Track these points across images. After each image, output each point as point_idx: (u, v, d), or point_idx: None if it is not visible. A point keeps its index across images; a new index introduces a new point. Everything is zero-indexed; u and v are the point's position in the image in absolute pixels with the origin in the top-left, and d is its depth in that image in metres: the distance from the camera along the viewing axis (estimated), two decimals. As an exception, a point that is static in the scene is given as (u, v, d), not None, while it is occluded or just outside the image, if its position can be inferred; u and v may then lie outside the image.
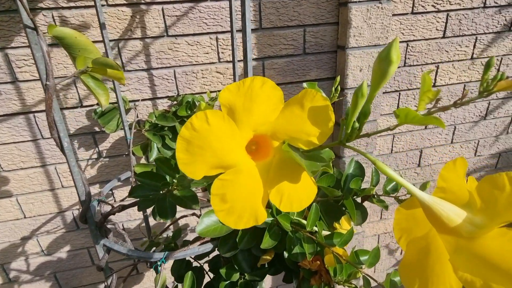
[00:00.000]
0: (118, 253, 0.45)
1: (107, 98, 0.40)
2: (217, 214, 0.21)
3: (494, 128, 1.18)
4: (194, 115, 0.21)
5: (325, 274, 0.44)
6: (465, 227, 0.20)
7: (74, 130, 0.82)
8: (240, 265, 0.47)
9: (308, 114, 0.23)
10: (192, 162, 0.21)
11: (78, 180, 0.42)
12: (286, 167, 0.22)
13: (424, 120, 0.21)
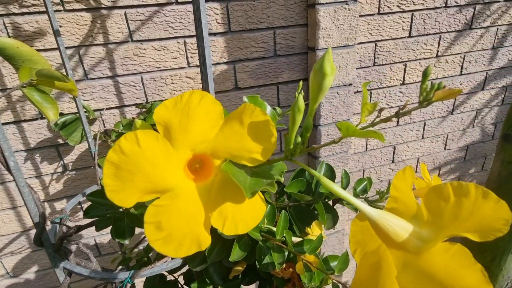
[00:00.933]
0: (79, 275, 0.43)
1: (56, 112, 0.37)
2: (153, 244, 0.19)
3: (461, 122, 1.23)
4: (123, 136, 0.19)
5: (298, 281, 0.44)
6: (411, 242, 0.20)
7: (35, 144, 0.77)
8: (211, 278, 0.45)
9: (248, 130, 0.22)
10: (121, 189, 0.19)
11: (29, 201, 0.39)
12: (229, 187, 0.21)
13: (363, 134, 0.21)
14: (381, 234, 0.20)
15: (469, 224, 0.19)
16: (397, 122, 1.13)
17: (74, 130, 0.70)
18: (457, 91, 0.21)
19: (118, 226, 0.37)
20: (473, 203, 0.19)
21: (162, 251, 0.20)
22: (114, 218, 0.37)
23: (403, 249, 0.20)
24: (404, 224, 0.20)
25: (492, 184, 0.75)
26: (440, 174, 1.31)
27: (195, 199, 0.21)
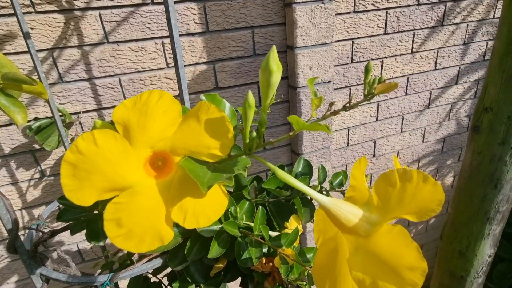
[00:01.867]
0: (57, 281, 0.42)
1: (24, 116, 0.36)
2: (113, 240, 0.20)
3: (437, 116, 1.27)
4: (80, 136, 0.19)
5: (278, 275, 0.44)
6: (361, 226, 0.21)
7: (10, 150, 0.75)
8: (193, 277, 0.46)
9: (205, 127, 0.22)
10: (79, 188, 0.19)
11: (0, 208, 0.38)
12: (188, 182, 0.22)
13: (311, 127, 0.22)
14: (334, 220, 0.21)
15: (411, 206, 0.20)
16: (376, 117, 1.16)
17: (50, 135, 0.69)
18: (393, 85, 0.22)
19: (92, 228, 0.37)
20: (415, 187, 0.20)
21: (124, 247, 0.20)
22: (88, 221, 0.37)
23: (355, 233, 0.21)
24: (355, 210, 0.22)
25: (464, 174, 0.79)
26: (419, 166, 1.36)
27: (155, 195, 0.21)
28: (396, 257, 0.19)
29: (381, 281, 0.18)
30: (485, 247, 0.81)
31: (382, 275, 0.19)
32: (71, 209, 0.37)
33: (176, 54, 0.37)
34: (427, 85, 1.19)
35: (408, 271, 0.19)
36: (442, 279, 0.93)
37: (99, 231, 0.36)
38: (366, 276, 0.19)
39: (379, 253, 0.20)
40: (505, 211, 0.77)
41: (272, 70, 0.22)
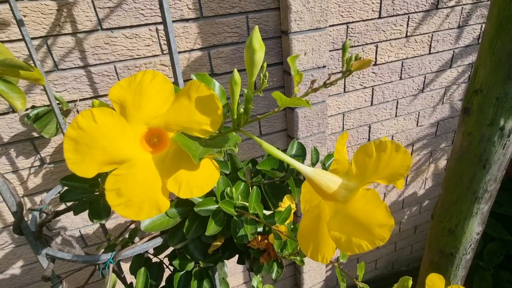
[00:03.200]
0: (63, 260, 0.44)
1: (23, 101, 0.37)
2: (115, 208, 0.22)
3: (431, 100, 1.29)
4: (80, 113, 0.21)
5: (273, 251, 0.47)
6: (340, 192, 0.23)
7: (9, 138, 0.76)
8: (192, 254, 0.48)
9: (196, 104, 0.24)
10: (81, 161, 0.21)
11: (4, 191, 0.39)
12: (182, 156, 0.23)
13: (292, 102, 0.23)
14: (317, 188, 0.23)
15: (384, 172, 0.22)
16: (371, 102, 1.17)
17: (48, 123, 0.70)
18: (367, 61, 0.23)
19: (94, 207, 0.39)
20: (388, 156, 0.22)
21: (124, 215, 0.22)
22: (90, 201, 0.39)
23: (334, 199, 0.23)
24: (335, 178, 0.24)
25: (455, 155, 0.81)
26: (414, 150, 1.38)
27: (151, 168, 0.23)
28: (368, 217, 0.21)
29: (354, 238, 0.21)
30: (473, 225, 0.85)
31: (356, 233, 0.21)
32: (73, 190, 0.39)
33: (169, 39, 0.38)
34: (422, 69, 1.20)
35: (378, 228, 0.21)
36: (432, 257, 0.96)
37: (101, 210, 0.38)
38: (342, 234, 0.21)
39: (355, 215, 0.22)
40: (492, 190, 0.80)
41: (255, 48, 0.23)
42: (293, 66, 0.25)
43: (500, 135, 0.71)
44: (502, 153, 0.74)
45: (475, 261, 1.59)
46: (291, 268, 1.42)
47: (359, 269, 0.43)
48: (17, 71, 0.33)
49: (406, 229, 1.63)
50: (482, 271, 1.54)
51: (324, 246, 0.23)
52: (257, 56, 0.24)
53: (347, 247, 0.21)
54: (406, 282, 0.41)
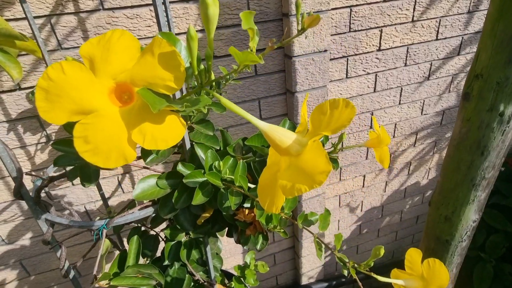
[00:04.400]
0: (60, 225, 0.47)
1: (19, 71, 0.39)
2: (83, 155, 0.23)
3: (437, 88, 1.26)
4: (50, 65, 0.22)
5: (258, 224, 0.49)
6: (293, 146, 0.24)
7: (16, 115, 0.79)
8: (182, 225, 0.50)
9: (158, 60, 0.25)
10: (51, 109, 0.22)
11: (5, 157, 0.42)
12: (147, 109, 0.25)
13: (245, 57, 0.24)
14: (272, 143, 0.24)
15: (333, 126, 0.23)
16: (374, 89, 1.16)
17: (52, 100, 0.72)
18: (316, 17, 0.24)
19: (85, 172, 0.41)
20: (339, 112, 0.23)
21: (92, 161, 0.24)
22: (81, 166, 0.41)
23: (288, 154, 0.24)
24: (289, 134, 0.25)
25: (454, 141, 0.80)
26: (417, 138, 1.37)
27: (118, 119, 0.24)
28: (313, 166, 0.22)
29: (297, 184, 0.22)
30: (470, 213, 0.84)
31: (300, 180, 0.22)
32: (66, 156, 0.41)
33: (168, 20, 0.39)
34: (428, 56, 1.17)
35: (319, 174, 0.22)
36: (428, 243, 0.97)
37: (91, 174, 0.41)
38: (288, 182, 0.22)
39: (305, 165, 0.23)
40: (490, 177, 0.79)
41: (208, 3, 0.24)
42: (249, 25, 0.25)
43: (500, 121, 0.70)
44: (501, 139, 0.72)
45: (476, 253, 1.58)
46: (290, 252, 1.45)
47: (336, 240, 0.44)
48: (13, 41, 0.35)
49: (408, 219, 1.63)
50: (483, 263, 1.53)
51: (278, 199, 0.25)
52: (211, 11, 0.24)
53: (290, 192, 0.23)
54: (378, 251, 0.43)
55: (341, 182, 1.33)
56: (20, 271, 1.01)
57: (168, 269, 0.62)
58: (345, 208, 1.43)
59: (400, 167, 1.42)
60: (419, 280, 0.41)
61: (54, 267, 1.04)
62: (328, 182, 1.30)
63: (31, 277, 1.03)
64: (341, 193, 1.37)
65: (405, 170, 1.44)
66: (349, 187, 1.37)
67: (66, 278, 1.03)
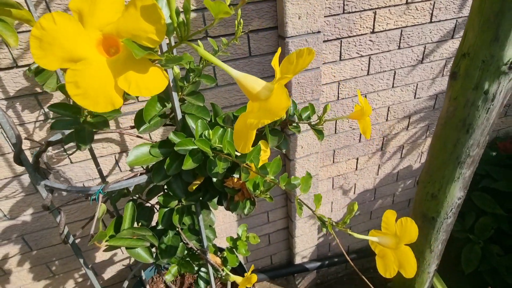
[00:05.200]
0: (59, 190, 0.50)
1: (16, 39, 0.41)
2: (74, 98, 0.26)
3: (431, 71, 1.27)
4: (42, 16, 0.24)
5: (246, 190, 0.51)
6: (262, 92, 0.26)
7: (14, 92, 0.81)
8: (174, 192, 0.53)
9: (141, 13, 0.27)
10: (44, 56, 0.25)
11: (4, 124, 0.44)
12: (132, 60, 0.27)
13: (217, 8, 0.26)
14: (245, 90, 0.27)
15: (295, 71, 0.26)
16: (367, 71, 1.17)
17: (49, 77, 0.74)
18: None
19: (80, 135, 0.43)
20: (303, 59, 0.25)
21: (83, 105, 0.26)
22: (76, 130, 0.44)
23: (258, 99, 0.26)
24: (260, 81, 0.27)
25: (441, 120, 0.83)
26: (410, 122, 1.39)
27: (105, 68, 0.27)
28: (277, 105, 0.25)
29: (262, 119, 0.24)
30: (455, 190, 0.88)
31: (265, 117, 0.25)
32: (62, 120, 0.44)
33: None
34: (422, 39, 1.18)
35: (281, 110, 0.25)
36: (416, 220, 1.00)
37: (85, 136, 0.43)
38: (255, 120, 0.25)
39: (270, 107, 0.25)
40: (475, 155, 0.82)
41: None
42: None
43: (484, 99, 0.72)
44: (485, 117, 0.75)
45: (465, 235, 1.63)
46: (284, 232, 1.49)
47: (316, 200, 0.47)
48: (9, 10, 0.37)
49: (400, 202, 1.67)
50: (472, 244, 1.58)
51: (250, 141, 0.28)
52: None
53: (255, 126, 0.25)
54: (352, 206, 0.45)
55: (334, 164, 1.36)
56: (22, 245, 1.04)
57: (163, 237, 0.65)
58: (338, 190, 1.46)
59: (393, 151, 1.45)
60: (392, 237, 0.44)
61: (55, 243, 1.08)
62: (322, 164, 1.33)
63: (33, 252, 1.07)
64: (334, 176, 1.40)
65: (398, 154, 1.47)
66: (342, 169, 1.40)
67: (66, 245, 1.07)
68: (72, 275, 1.18)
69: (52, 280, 1.16)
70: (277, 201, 1.36)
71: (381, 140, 1.39)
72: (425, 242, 1.00)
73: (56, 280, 1.16)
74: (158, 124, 0.50)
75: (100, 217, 0.48)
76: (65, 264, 1.14)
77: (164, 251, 0.63)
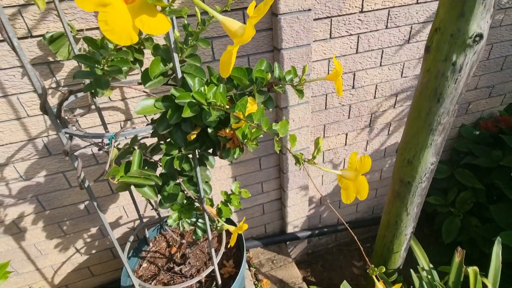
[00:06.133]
0: (77, 136, 0.59)
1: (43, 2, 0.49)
2: (104, 33, 0.35)
3: (417, 51, 1.35)
4: None
5: (236, 139, 0.60)
6: (239, 30, 0.35)
7: (29, 61, 0.89)
8: (175, 140, 0.62)
9: None
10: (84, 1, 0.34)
11: (32, 76, 0.52)
12: (145, 7, 0.36)
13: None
14: (226, 28, 0.36)
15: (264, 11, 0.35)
16: (356, 50, 1.25)
17: (61, 45, 0.82)
18: None
19: (98, 82, 0.52)
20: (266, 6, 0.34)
21: (110, 38, 0.35)
22: (95, 79, 0.52)
23: (236, 36, 0.35)
24: (238, 23, 0.36)
25: (417, 91, 0.91)
26: (397, 100, 1.47)
27: (126, 12, 0.36)
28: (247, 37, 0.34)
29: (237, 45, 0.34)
30: (428, 155, 0.97)
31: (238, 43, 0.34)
32: (82, 72, 0.52)
33: None
34: (408, 19, 1.25)
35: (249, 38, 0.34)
36: (394, 186, 1.11)
37: (102, 83, 0.51)
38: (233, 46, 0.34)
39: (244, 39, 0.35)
40: (445, 123, 0.91)
41: None
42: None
43: (453, 70, 0.80)
44: (454, 87, 0.83)
45: (447, 209, 1.74)
46: (277, 203, 1.60)
47: (291, 140, 0.56)
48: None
49: (387, 177, 1.77)
50: (453, 217, 1.69)
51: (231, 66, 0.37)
52: None
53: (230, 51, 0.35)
54: (318, 140, 0.55)
55: (325, 139, 1.46)
56: (36, 205, 1.15)
57: (165, 186, 0.75)
58: (328, 164, 1.56)
59: (381, 127, 1.54)
60: (353, 171, 0.53)
61: (66, 204, 1.19)
62: (312, 138, 1.42)
63: (46, 211, 1.17)
64: (325, 150, 1.50)
65: (385, 130, 1.56)
66: (332, 144, 1.49)
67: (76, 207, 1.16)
68: (82, 235, 1.29)
69: (63, 239, 1.27)
70: (270, 172, 1.46)
71: (369, 117, 1.47)
72: (402, 206, 1.11)
73: (67, 239, 1.27)
74: (161, 82, 0.59)
75: (113, 159, 0.57)
76: (75, 225, 1.25)
77: (166, 198, 0.73)
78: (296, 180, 1.46)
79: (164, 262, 1.15)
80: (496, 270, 1.16)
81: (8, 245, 1.20)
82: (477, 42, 0.75)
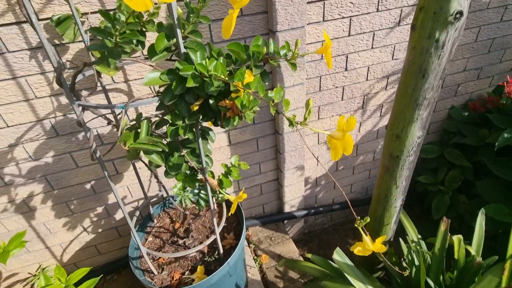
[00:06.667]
0: (90, 107, 0.64)
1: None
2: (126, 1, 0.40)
3: (407, 34, 1.40)
4: None
5: (236, 108, 0.66)
6: None
7: (36, 43, 0.93)
8: (180, 111, 0.68)
9: None
10: None
11: (49, 51, 0.57)
12: None
13: None
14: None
15: None
16: (348, 32, 1.30)
17: (67, 28, 0.86)
18: None
19: (111, 52, 0.57)
20: None
21: (129, 4, 0.40)
22: (108, 51, 0.57)
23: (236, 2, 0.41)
24: None
25: (404, 68, 0.97)
26: (389, 82, 1.53)
27: None
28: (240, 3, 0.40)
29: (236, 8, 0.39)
30: (415, 130, 1.03)
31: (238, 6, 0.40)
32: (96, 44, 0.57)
33: None
34: (398, 2, 1.30)
35: None
36: (384, 161, 1.17)
37: (115, 54, 0.57)
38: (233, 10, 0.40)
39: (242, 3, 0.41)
40: (430, 98, 0.97)
41: None
42: None
43: (436, 47, 0.86)
44: (437, 63, 0.89)
45: (437, 187, 1.82)
46: (275, 183, 1.67)
47: (285, 104, 0.62)
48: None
49: (380, 158, 1.84)
50: (442, 194, 1.78)
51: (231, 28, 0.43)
52: None
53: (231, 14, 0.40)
54: (308, 102, 0.61)
55: (319, 120, 1.52)
56: (45, 185, 1.20)
57: (170, 158, 0.81)
58: (323, 145, 1.62)
59: (373, 109, 1.60)
60: (341, 132, 0.60)
61: (73, 184, 1.24)
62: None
63: (54, 191, 1.23)
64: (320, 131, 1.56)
65: (378, 112, 1.62)
66: (326, 125, 1.55)
67: (82, 187, 1.22)
68: (89, 214, 1.36)
69: (71, 218, 1.33)
70: (268, 153, 1.52)
71: (362, 99, 1.53)
72: (391, 179, 1.18)
73: (74, 218, 1.34)
74: (165, 56, 0.64)
75: (123, 127, 0.63)
76: (82, 204, 1.31)
77: (171, 167, 0.79)
78: (292, 160, 1.53)
79: (168, 236, 1.22)
80: (479, 239, 1.24)
81: (19, 223, 1.26)
82: (457, 19, 0.81)
